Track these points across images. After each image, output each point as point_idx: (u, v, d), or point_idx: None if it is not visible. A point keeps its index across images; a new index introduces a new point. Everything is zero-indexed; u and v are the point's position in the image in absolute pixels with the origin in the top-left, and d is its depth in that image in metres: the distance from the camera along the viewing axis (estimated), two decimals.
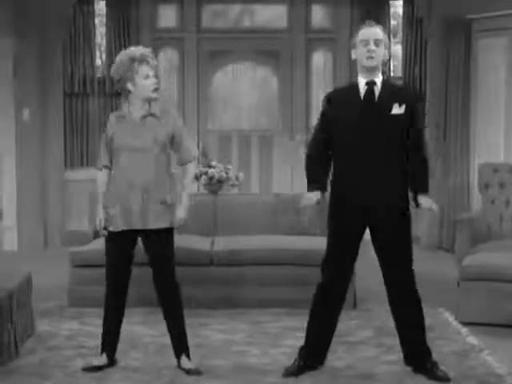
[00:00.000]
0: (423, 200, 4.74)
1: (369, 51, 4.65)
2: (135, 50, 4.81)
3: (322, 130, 4.80)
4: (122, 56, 4.81)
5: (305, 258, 6.36)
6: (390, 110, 4.65)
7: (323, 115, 4.81)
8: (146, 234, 4.86)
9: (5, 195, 9.20)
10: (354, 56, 4.76)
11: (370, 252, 4.96)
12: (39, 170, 9.29)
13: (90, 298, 6.29)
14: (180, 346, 4.98)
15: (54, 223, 9.38)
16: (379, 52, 4.66)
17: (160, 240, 4.85)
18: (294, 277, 6.46)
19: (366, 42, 4.65)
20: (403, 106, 4.65)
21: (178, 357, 4.98)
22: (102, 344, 5.02)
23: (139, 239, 4.93)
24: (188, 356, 4.97)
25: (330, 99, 4.81)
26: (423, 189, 4.76)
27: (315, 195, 4.77)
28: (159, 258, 4.87)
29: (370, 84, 4.68)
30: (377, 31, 4.68)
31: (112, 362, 5.01)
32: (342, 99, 4.76)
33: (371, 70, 4.68)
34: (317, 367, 4.94)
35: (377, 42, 4.65)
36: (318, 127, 4.84)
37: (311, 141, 4.90)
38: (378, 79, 4.70)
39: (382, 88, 4.69)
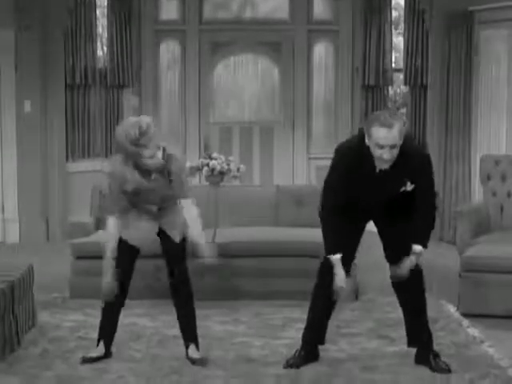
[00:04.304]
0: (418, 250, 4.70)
1: (381, 158, 4.46)
2: (134, 130, 4.61)
3: (339, 189, 4.65)
4: (123, 131, 4.66)
5: (306, 250, 6.36)
6: (400, 188, 4.60)
7: (340, 173, 4.63)
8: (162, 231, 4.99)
9: (6, 187, 9.21)
10: (367, 142, 4.50)
11: (373, 244, 4.97)
12: (41, 161, 9.28)
13: (91, 290, 6.27)
14: (189, 335, 5.01)
15: (56, 215, 9.38)
16: (394, 152, 4.44)
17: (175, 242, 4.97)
18: (295, 269, 6.46)
19: (381, 146, 4.42)
20: (412, 185, 4.59)
21: (187, 346, 5.01)
22: (100, 335, 5.05)
23: None
24: (197, 346, 5.00)
25: (347, 164, 4.61)
26: (424, 243, 4.70)
27: (342, 273, 4.71)
28: (174, 255, 4.96)
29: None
30: (393, 135, 4.38)
31: (108, 353, 5.03)
32: (358, 169, 4.58)
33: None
34: (318, 358, 4.96)
35: (392, 146, 4.42)
36: (337, 188, 4.67)
37: (332, 201, 4.70)
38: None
39: (394, 166, 4.53)
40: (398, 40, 10.24)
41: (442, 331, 5.51)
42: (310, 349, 4.96)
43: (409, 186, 4.61)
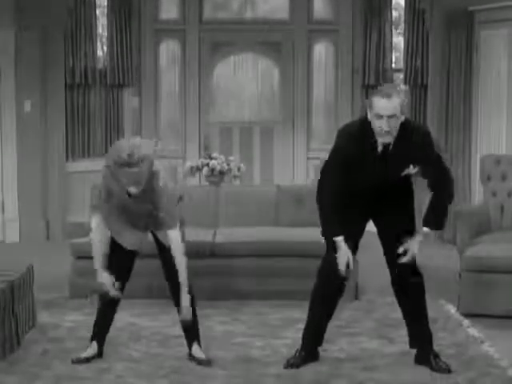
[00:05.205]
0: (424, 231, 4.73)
1: (381, 129, 4.49)
2: (122, 151, 4.55)
3: (339, 174, 4.67)
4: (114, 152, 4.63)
5: (306, 250, 6.36)
6: (403, 170, 4.64)
7: (340, 159, 4.65)
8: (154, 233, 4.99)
9: (6, 187, 9.20)
10: (369, 116, 4.57)
11: (373, 244, 4.96)
12: (41, 161, 9.27)
13: (90, 290, 6.28)
14: (192, 334, 5.01)
15: (56, 215, 9.38)
16: (393, 124, 4.49)
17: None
18: (295, 268, 6.46)
19: (379, 117, 4.49)
20: (414, 168, 4.63)
21: (190, 345, 5.00)
22: (93, 335, 5.05)
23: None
24: (199, 344, 5.00)
25: (347, 148, 4.63)
26: (440, 227, 4.76)
27: (347, 251, 4.71)
28: (168, 257, 4.89)
29: (386, 146, 4.59)
30: (393, 106, 4.47)
31: (100, 352, 5.03)
32: (359, 151, 4.60)
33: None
34: (318, 358, 4.96)
35: (391, 117, 4.48)
36: (336, 172, 4.68)
37: (330, 184, 4.70)
38: (392, 138, 4.57)
39: (396, 145, 4.58)
40: (398, 40, 10.23)
41: (441, 331, 5.51)
42: (310, 349, 4.96)
43: (412, 169, 4.63)
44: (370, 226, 4.87)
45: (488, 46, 8.72)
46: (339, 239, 4.70)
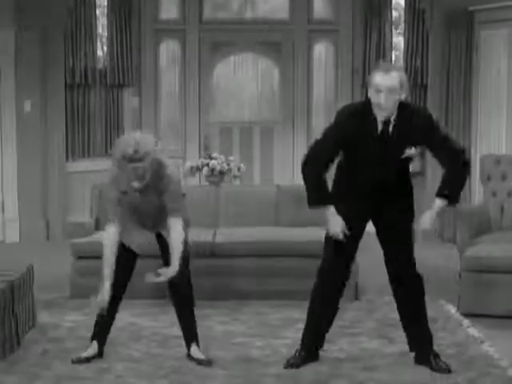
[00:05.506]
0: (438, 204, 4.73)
1: (379, 104, 4.50)
2: (127, 147, 4.57)
3: (332, 149, 4.72)
4: (118, 146, 4.65)
5: (306, 250, 6.36)
6: (403, 152, 4.63)
7: (336, 136, 4.69)
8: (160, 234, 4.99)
9: (6, 187, 9.20)
10: (369, 94, 4.57)
11: (372, 245, 4.96)
12: (41, 161, 9.28)
13: (91, 289, 6.26)
14: (190, 335, 5.01)
15: (56, 215, 9.38)
16: (391, 99, 4.49)
17: None
18: (295, 268, 6.46)
19: (378, 91, 4.49)
20: (416, 149, 4.65)
21: (188, 346, 5.00)
22: (94, 335, 5.04)
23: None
24: (198, 345, 5.00)
25: (347, 125, 4.64)
26: (454, 200, 4.77)
27: (339, 219, 4.71)
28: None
29: (386, 123, 4.58)
30: (392, 80, 4.47)
31: (101, 353, 5.02)
32: (358, 130, 4.60)
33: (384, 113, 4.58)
34: (318, 358, 4.96)
35: (390, 91, 4.47)
36: (330, 146, 4.71)
37: (320, 155, 4.76)
38: (393, 115, 4.57)
39: (396, 125, 4.58)
40: (398, 40, 10.23)
41: (441, 331, 5.51)
42: (310, 349, 4.95)
43: (412, 151, 4.63)
44: (369, 227, 4.86)
45: (488, 45, 8.72)
46: (328, 207, 4.70)
